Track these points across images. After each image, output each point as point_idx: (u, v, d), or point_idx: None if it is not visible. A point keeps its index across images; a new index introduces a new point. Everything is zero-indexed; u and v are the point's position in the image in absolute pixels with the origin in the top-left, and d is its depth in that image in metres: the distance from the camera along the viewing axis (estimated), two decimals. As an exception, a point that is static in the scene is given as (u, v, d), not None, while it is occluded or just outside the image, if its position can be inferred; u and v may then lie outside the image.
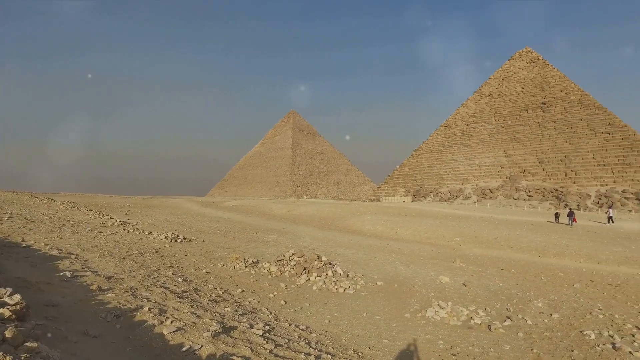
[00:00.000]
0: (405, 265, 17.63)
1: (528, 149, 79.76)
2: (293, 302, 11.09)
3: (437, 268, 17.42)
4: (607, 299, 13.37)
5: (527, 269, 18.45)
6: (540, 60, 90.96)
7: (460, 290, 13.55)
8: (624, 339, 9.29)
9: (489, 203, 70.83)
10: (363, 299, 12.02)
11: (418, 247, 24.40)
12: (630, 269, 19.27)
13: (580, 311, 11.65)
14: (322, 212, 44.05)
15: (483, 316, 10.76)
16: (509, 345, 8.90)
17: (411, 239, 28.58)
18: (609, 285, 15.44)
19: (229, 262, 14.67)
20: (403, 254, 21.14)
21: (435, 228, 30.95)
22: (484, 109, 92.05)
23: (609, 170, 68.59)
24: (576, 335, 9.57)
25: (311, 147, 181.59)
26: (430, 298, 12.31)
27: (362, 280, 13.88)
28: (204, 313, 7.44)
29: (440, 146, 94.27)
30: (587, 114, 76.76)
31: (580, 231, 29.70)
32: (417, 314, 10.78)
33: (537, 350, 8.66)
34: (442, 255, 21.72)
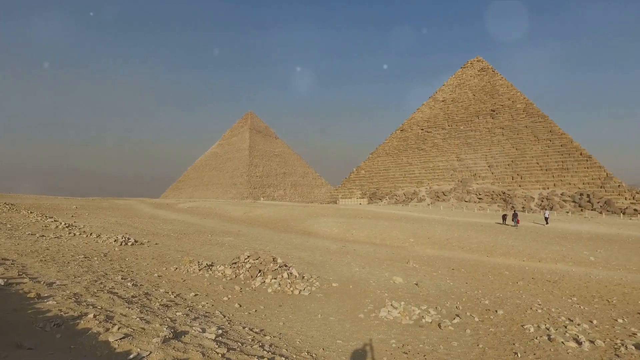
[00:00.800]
0: (361, 266, 17.89)
1: (478, 154, 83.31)
2: (247, 305, 10.96)
3: (391, 269, 17.80)
4: (546, 295, 14.22)
5: (476, 269, 19.23)
6: (490, 70, 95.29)
7: (413, 290, 13.92)
8: (558, 330, 9.93)
9: (442, 205, 73.23)
10: (318, 301, 12.08)
11: (373, 249, 24.83)
12: (566, 266, 20.62)
13: (522, 307, 12.30)
14: (279, 214, 43.86)
15: (434, 315, 11.10)
16: (457, 342, 9.24)
17: (367, 241, 29.03)
18: (547, 282, 16.42)
19: (182, 266, 14.28)
20: (358, 256, 21.44)
21: (390, 230, 31.62)
22: (438, 115, 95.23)
23: (549, 174, 72.95)
24: (518, 330, 10.09)
25: (269, 148, 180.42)
26: (384, 298, 12.55)
27: (317, 282, 13.94)
28: (154, 318, 7.20)
29: (396, 150, 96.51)
30: (531, 122, 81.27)
31: (524, 232, 31.35)
32: (371, 314, 10.97)
33: (482, 345, 9.06)
34: (397, 256, 22.22)
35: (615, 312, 12.26)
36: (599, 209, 62.55)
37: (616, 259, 21.67)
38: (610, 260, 21.47)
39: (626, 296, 14.40)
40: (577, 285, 16.07)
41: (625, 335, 9.86)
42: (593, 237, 28.72)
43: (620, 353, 8.51)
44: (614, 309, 12.61)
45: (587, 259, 21.99)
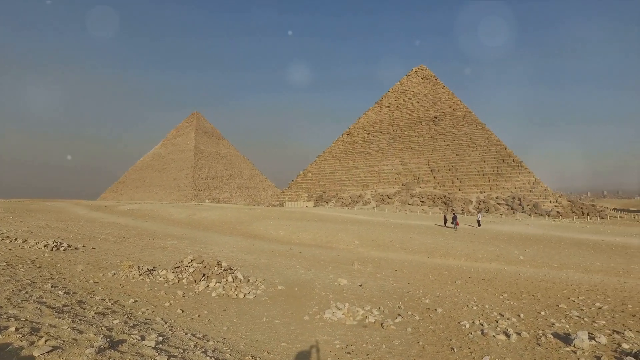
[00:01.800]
0: (306, 269, 18.01)
1: (421, 158, 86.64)
2: (190, 310, 10.69)
3: (336, 271, 18.08)
4: (481, 292, 15.11)
5: (418, 269, 20.01)
6: (433, 78, 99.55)
7: (357, 292, 14.23)
8: (490, 325, 10.62)
9: (386, 208, 75.31)
10: (263, 304, 12.03)
11: (319, 251, 25.08)
12: (499, 265, 22.02)
13: (459, 305, 12.99)
14: (225, 217, 43.07)
15: (377, 315, 11.43)
16: (398, 340, 9.58)
17: (313, 243, 29.25)
18: (482, 280, 17.45)
19: (120, 271, 13.65)
20: (304, 258, 21.57)
21: (335, 232, 32.07)
22: (384, 120, 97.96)
23: (486, 179, 77.40)
24: (455, 326, 10.65)
25: (215, 150, 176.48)
26: (328, 300, 12.73)
27: (262, 285, 13.88)
28: (87, 328, 6.83)
29: (343, 153, 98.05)
30: (470, 129, 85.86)
31: (463, 233, 33.05)
32: (316, 316, 11.09)
33: (422, 343, 9.46)
34: (342, 258, 22.60)
35: (539, 305, 13.28)
36: (529, 211, 67.25)
37: (541, 257, 23.46)
38: (536, 259, 23.19)
39: (548, 291, 15.65)
40: (508, 283, 17.20)
41: (546, 326, 10.76)
42: (523, 238, 30.83)
43: (541, 342, 9.28)
44: (538, 303, 13.66)
45: (517, 258, 23.60)
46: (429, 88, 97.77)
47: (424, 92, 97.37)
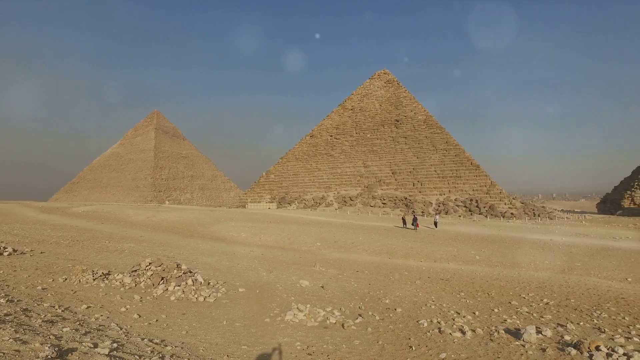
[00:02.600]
0: (268, 271, 17.91)
1: (383, 161, 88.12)
2: (148, 314, 10.39)
3: (298, 273, 18.08)
4: (439, 292, 15.56)
5: (379, 270, 20.34)
6: (395, 82, 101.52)
7: (318, 293, 14.30)
8: (447, 323, 10.97)
9: (349, 210, 76.04)
10: (224, 307, 11.86)
11: (281, 253, 25.00)
12: (457, 265, 22.76)
13: (418, 304, 13.32)
14: (185, 219, 42.10)
15: (338, 315, 11.53)
16: (359, 340, 9.71)
17: (275, 245, 29.11)
18: (441, 280, 17.97)
19: (73, 276, 13.05)
20: (266, 260, 21.44)
21: (298, 234, 32.07)
22: (347, 122, 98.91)
23: (445, 181, 79.76)
24: (414, 325, 10.92)
25: (175, 150, 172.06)
26: (290, 302, 12.72)
27: (223, 287, 13.68)
28: (33, 337, 6.49)
29: (306, 155, 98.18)
30: (431, 133, 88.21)
31: (422, 235, 33.90)
32: (277, 318, 11.06)
33: (382, 342, 9.64)
34: (304, 260, 22.63)
35: (493, 303, 13.85)
36: (485, 212, 69.85)
37: (496, 257, 24.45)
38: (491, 259, 24.14)
39: (502, 289, 16.35)
40: (465, 282, 17.81)
41: (499, 322, 11.26)
42: (479, 239, 32.00)
43: (494, 338, 9.71)
44: (492, 301, 14.24)
45: (473, 258, 24.47)
46: (391, 92, 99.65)
47: (387, 96, 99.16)
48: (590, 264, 22.61)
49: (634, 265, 22.25)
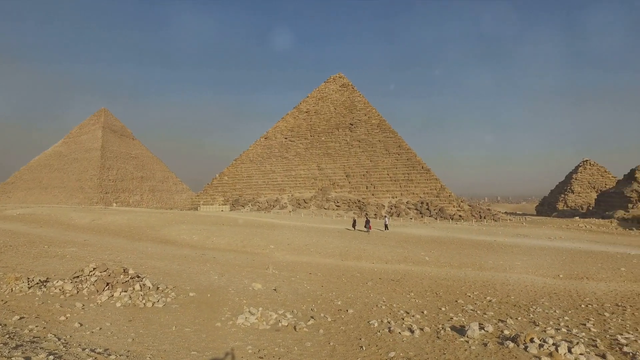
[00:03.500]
0: (220, 274, 17.61)
1: (337, 164, 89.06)
2: (91, 323, 9.91)
3: (251, 276, 17.92)
4: (390, 292, 15.97)
5: (332, 272, 20.54)
6: (350, 86, 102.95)
7: (271, 296, 14.24)
8: (397, 323, 11.29)
9: (303, 212, 76.15)
10: (173, 312, 11.54)
11: (234, 256, 24.65)
12: (407, 266, 23.44)
13: (370, 305, 13.60)
14: (134, 222, 40.47)
15: (290, 318, 11.54)
16: (310, 342, 9.77)
17: (227, 248, 28.66)
18: (392, 281, 18.44)
19: (4, 284, 12.20)
20: (218, 263, 21.07)
21: (251, 237, 31.76)
22: (301, 125, 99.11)
23: (397, 184, 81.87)
24: (365, 326, 11.14)
25: (125, 150, 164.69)
26: (242, 305, 12.59)
27: (173, 292, 13.31)
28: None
29: (260, 157, 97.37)
30: (384, 137, 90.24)
31: (374, 237, 34.60)
32: (229, 322, 10.91)
33: (333, 343, 9.76)
34: (257, 263, 22.45)
35: (440, 302, 14.41)
36: (435, 215, 72.33)
37: (444, 258, 25.41)
38: (440, 259, 25.07)
39: (449, 288, 17.05)
40: (415, 283, 18.39)
41: (445, 320, 11.74)
42: (429, 240, 33.10)
43: (441, 335, 10.10)
44: (440, 300, 14.81)
45: (423, 259, 25.29)
46: (345, 96, 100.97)
47: (341, 100, 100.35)
48: (528, 263, 24.05)
49: (565, 263, 23.93)
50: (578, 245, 31.93)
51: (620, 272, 21.79)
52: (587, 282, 19.69)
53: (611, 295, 16.40)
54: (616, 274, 21.27)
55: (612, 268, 22.60)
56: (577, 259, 25.42)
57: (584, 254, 27.43)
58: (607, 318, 12.60)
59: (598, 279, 20.29)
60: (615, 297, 16.05)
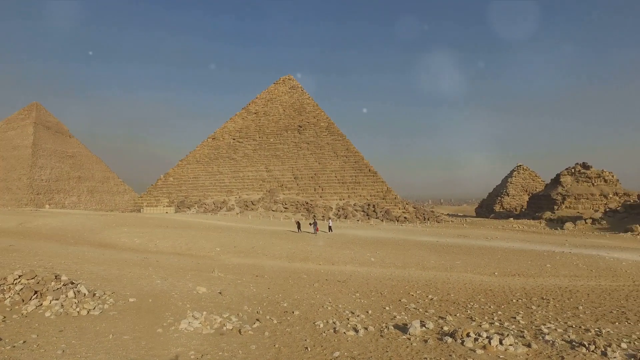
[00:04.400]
0: (163, 278, 16.98)
1: (286, 166, 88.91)
2: (13, 336, 9.18)
3: (195, 279, 17.42)
4: (336, 293, 16.16)
5: (278, 274, 20.45)
6: (299, 88, 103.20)
7: (216, 299, 13.94)
8: (342, 323, 11.47)
9: (250, 214, 75.25)
10: (111, 320, 10.97)
11: (178, 259, 23.88)
12: (353, 267, 23.85)
13: (316, 306, 13.69)
14: (69, 225, 38.04)
15: (235, 321, 11.36)
16: (255, 345, 9.68)
17: (172, 251, 27.72)
18: (338, 282, 18.68)
19: None
20: (161, 267, 20.31)
21: (196, 239, 30.92)
22: (250, 126, 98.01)
23: (345, 187, 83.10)
24: (310, 327, 11.20)
25: (60, 148, 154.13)
26: (185, 309, 12.21)
27: (111, 298, 12.64)
28: None
29: (207, 158, 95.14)
30: (332, 140, 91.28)
31: (321, 238, 34.88)
32: (171, 327, 10.54)
33: (278, 345, 9.72)
34: (202, 266, 21.89)
35: (385, 302, 14.80)
36: (381, 217, 74.13)
37: (389, 259, 26.13)
38: (385, 260, 25.74)
39: (393, 288, 17.56)
40: (360, 283, 18.74)
41: (389, 319, 12.08)
42: (375, 242, 33.87)
43: (384, 334, 10.40)
44: (384, 300, 15.21)
45: (369, 260, 25.84)
46: (295, 98, 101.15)
47: (290, 102, 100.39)
48: (468, 262, 25.29)
49: (500, 262, 25.45)
50: (512, 245, 34.06)
51: (546, 268, 23.55)
52: (518, 278, 21.05)
53: (538, 290, 17.70)
54: (543, 270, 22.95)
55: (539, 265, 24.35)
56: (510, 257, 27.08)
57: (516, 252, 29.29)
58: (534, 311, 13.61)
59: (527, 276, 21.76)
60: (541, 291, 17.35)
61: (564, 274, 22.41)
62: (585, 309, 14.25)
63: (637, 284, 20.07)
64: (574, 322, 12.04)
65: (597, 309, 14.32)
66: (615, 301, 15.85)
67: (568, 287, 18.50)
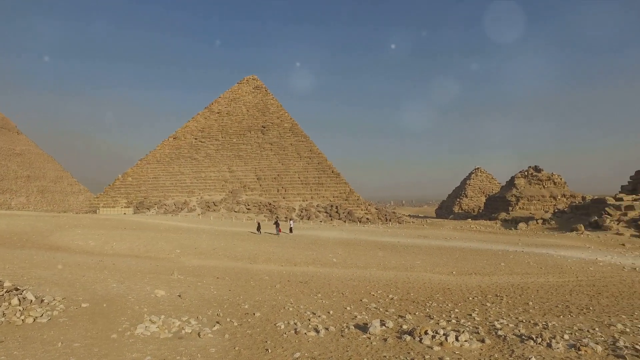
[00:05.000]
0: (119, 282, 16.38)
1: (249, 166, 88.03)
2: (-52, 348, 8.57)
3: (154, 282, 16.92)
4: (298, 294, 16.15)
5: (240, 276, 20.20)
6: (263, 89, 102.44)
7: (175, 302, 13.60)
8: (303, 324, 11.46)
9: (212, 215, 73.94)
10: (61, 327, 10.45)
11: (135, 262, 23.11)
12: (316, 268, 23.93)
13: (277, 307, 13.62)
14: (16, 226, 35.94)
15: (194, 324, 11.12)
16: (215, 348, 9.51)
17: (129, 254, 26.79)
18: (300, 283, 18.67)
19: None
20: (117, 270, 19.58)
21: (156, 241, 30.06)
22: (213, 125, 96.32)
23: (308, 188, 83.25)
24: (271, 328, 11.13)
25: (6, 145, 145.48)
26: (142, 314, 11.83)
27: (61, 304, 12.04)
28: None
29: (168, 157, 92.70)
30: (296, 141, 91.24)
31: (284, 239, 34.77)
32: (126, 333, 10.18)
33: (238, 348, 9.60)
34: (161, 268, 21.29)
35: (346, 302, 14.92)
36: (344, 218, 74.77)
37: (351, 259, 26.40)
38: (347, 260, 25.98)
39: (355, 288, 17.75)
40: (322, 284, 18.81)
41: (350, 319, 12.19)
42: (337, 242, 34.13)
43: (345, 333, 10.49)
44: (346, 300, 15.33)
45: (331, 260, 26.00)
46: (259, 98, 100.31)
47: (254, 102, 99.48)
48: (427, 262, 25.96)
49: (458, 261, 26.31)
50: (469, 245, 35.25)
51: (500, 267, 24.55)
52: (474, 277, 21.82)
53: (493, 288, 18.43)
54: (497, 269, 23.92)
55: (494, 264, 25.36)
56: (467, 257, 28.03)
57: (473, 252, 30.35)
58: (488, 307, 14.16)
59: (483, 274, 22.61)
60: (496, 289, 18.08)
61: (516, 272, 23.45)
62: (535, 304, 15.00)
63: (580, 279, 21.37)
64: (524, 317, 12.62)
65: (545, 304, 15.12)
66: (560, 296, 16.80)
67: (520, 284, 19.37)
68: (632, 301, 15.96)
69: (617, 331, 10.87)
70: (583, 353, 8.73)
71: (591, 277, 21.99)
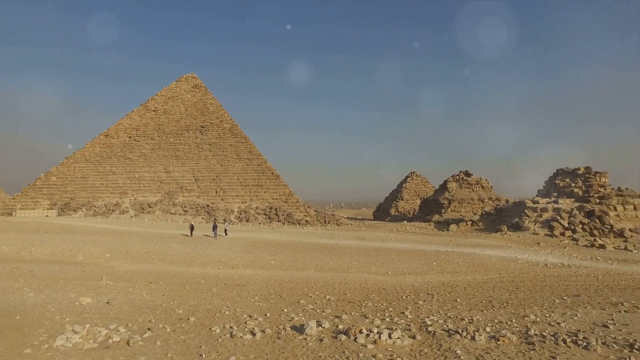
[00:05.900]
0: (38, 290, 15.12)
1: (186, 167, 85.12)
2: None
3: (79, 289, 15.84)
4: (235, 298, 15.90)
5: (174, 280, 19.49)
6: (202, 87, 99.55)
7: (102, 310, 12.82)
8: (239, 327, 11.32)
9: (146, 217, 70.58)
10: (-35, 341, 9.47)
11: (59, 268, 21.47)
12: (253, 270, 23.70)
13: (213, 311, 13.32)
14: None
15: (123, 332, 10.57)
16: (145, 356, 9.10)
17: (51, 259, 24.84)
18: (237, 286, 18.39)
19: None
20: (36, 278, 18.07)
21: (83, 245, 28.14)
22: (148, 124, 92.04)
23: (247, 190, 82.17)
24: (206, 333, 10.86)
25: None
26: (64, 324, 11.03)
27: (-33, 317, 10.92)
28: None
29: (98, 156, 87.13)
30: (235, 142, 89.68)
31: (221, 242, 34.05)
32: (44, 346, 9.43)
33: (171, 354, 9.26)
34: (88, 274, 19.98)
35: (283, 304, 14.93)
36: (283, 220, 74.59)
37: (289, 261, 26.43)
38: (285, 263, 25.97)
39: (292, 290, 17.80)
40: (260, 286, 18.66)
41: (287, 321, 12.22)
42: (275, 245, 34.00)
43: (281, 335, 10.50)
44: (283, 302, 15.33)
45: (269, 263, 25.85)
46: (198, 97, 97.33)
47: (193, 101, 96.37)
48: (364, 263, 26.63)
49: (393, 262, 27.29)
50: (404, 246, 36.64)
51: (432, 266, 25.81)
52: (408, 276, 22.74)
53: (425, 286, 19.34)
54: (430, 269, 25.11)
55: (427, 263, 26.60)
56: (402, 257, 29.14)
57: (408, 253, 31.60)
58: (420, 305, 14.85)
59: (417, 274, 23.63)
60: (428, 288, 19.00)
61: (447, 270, 24.77)
62: (462, 301, 15.97)
63: (502, 276, 23.09)
64: (452, 313, 13.38)
65: (471, 300, 16.15)
66: (485, 292, 18.04)
67: (450, 283, 20.50)
68: (543, 294, 17.62)
69: (530, 321, 11.95)
70: (501, 343, 9.52)
71: (511, 274, 23.85)
